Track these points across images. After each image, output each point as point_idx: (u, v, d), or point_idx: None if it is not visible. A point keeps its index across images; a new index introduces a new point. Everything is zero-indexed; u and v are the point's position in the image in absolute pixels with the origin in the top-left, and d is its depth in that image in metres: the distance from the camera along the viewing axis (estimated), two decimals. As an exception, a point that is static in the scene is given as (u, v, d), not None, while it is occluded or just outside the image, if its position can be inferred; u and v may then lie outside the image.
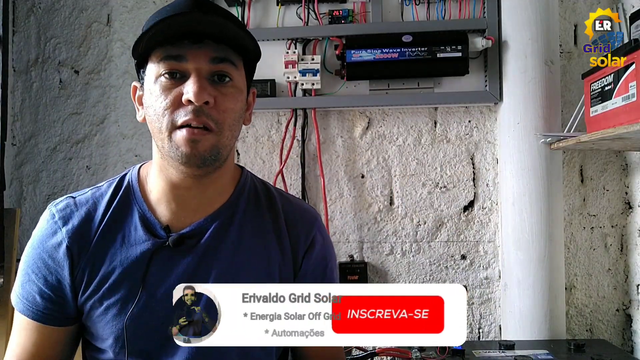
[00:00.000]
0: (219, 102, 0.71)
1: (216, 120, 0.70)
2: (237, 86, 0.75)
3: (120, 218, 0.77)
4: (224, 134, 0.72)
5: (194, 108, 0.68)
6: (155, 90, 0.71)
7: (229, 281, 0.75)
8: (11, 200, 1.78)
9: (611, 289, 1.63)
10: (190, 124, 0.69)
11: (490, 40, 1.55)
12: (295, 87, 1.66)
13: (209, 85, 0.70)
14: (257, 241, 0.80)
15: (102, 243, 0.75)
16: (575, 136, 1.35)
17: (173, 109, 0.70)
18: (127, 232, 0.76)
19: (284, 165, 1.66)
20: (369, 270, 1.68)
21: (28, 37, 1.79)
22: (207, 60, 0.70)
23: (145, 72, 0.74)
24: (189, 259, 0.75)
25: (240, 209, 0.81)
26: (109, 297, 0.74)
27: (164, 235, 0.75)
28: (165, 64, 0.70)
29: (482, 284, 1.66)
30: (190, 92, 0.68)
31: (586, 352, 1.33)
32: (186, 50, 0.70)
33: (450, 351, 1.32)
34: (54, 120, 1.78)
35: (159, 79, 0.71)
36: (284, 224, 0.82)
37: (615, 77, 1.19)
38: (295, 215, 0.84)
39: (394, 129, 1.69)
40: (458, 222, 1.67)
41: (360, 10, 1.65)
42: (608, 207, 1.64)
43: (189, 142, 0.69)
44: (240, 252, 0.78)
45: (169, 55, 0.70)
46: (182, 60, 0.70)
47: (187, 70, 0.70)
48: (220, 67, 0.72)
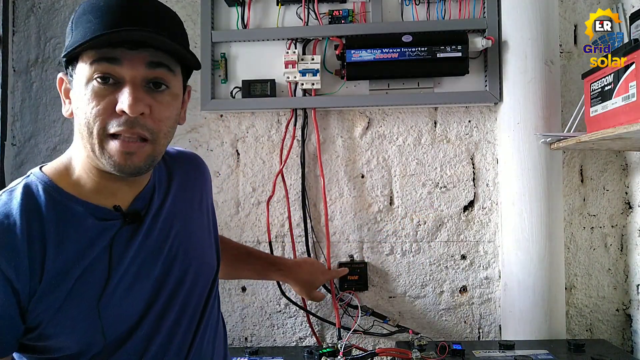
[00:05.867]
0: (154, 111, 0.68)
1: (151, 129, 0.68)
2: (173, 93, 0.72)
3: (59, 220, 0.69)
4: (159, 142, 0.71)
5: (128, 119, 0.65)
6: (86, 93, 0.66)
7: (187, 236, 0.84)
8: (11, 200, 1.77)
9: (611, 289, 1.64)
10: (124, 135, 0.66)
11: (490, 40, 1.55)
12: (295, 87, 1.66)
13: (144, 94, 0.67)
14: (189, 192, 0.90)
15: (56, 252, 0.67)
16: (575, 136, 1.35)
17: (105, 117, 0.66)
18: (76, 229, 0.70)
19: (284, 165, 1.66)
20: (369, 270, 1.68)
21: (28, 37, 1.79)
22: (143, 65, 0.67)
23: (75, 70, 0.68)
24: (144, 230, 0.77)
25: (170, 171, 0.89)
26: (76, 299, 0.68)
27: (118, 215, 0.74)
28: (98, 66, 0.65)
29: (482, 284, 1.66)
30: (125, 102, 0.65)
31: (586, 352, 1.33)
32: (122, 53, 0.66)
33: (450, 351, 1.33)
34: (54, 120, 1.78)
35: (91, 82, 0.66)
36: (190, 171, 0.93)
37: (615, 77, 1.19)
38: (191, 161, 0.96)
39: (394, 129, 1.69)
40: (458, 222, 1.67)
41: (360, 10, 1.66)
42: (608, 207, 1.64)
43: (123, 154, 0.67)
44: (185, 206, 0.87)
45: (102, 57, 0.65)
46: (116, 63, 0.66)
47: (122, 76, 0.66)
48: (157, 74, 0.69)
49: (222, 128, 1.71)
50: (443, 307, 1.67)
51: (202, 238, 0.90)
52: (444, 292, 1.67)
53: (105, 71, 0.65)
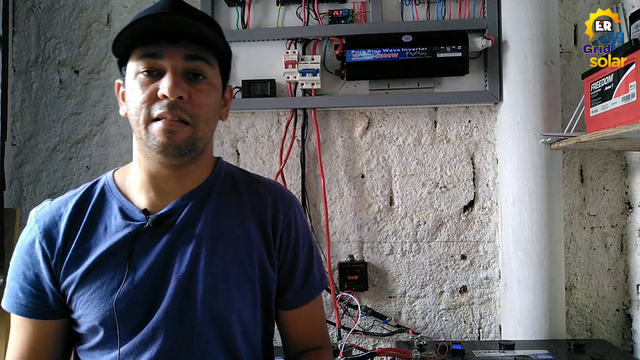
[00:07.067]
0: (193, 97, 0.76)
1: (191, 114, 0.75)
2: (211, 83, 0.79)
3: (99, 213, 0.82)
4: (199, 127, 0.77)
5: (169, 102, 0.73)
6: (134, 85, 0.76)
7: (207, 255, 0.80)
8: (11, 200, 1.78)
9: (611, 289, 1.64)
10: (165, 116, 0.73)
11: (490, 40, 1.55)
12: (295, 87, 1.66)
13: (183, 82, 0.75)
14: (235, 219, 0.84)
15: (85, 237, 0.80)
16: (575, 136, 1.35)
17: (149, 102, 0.74)
18: (108, 223, 0.81)
19: (284, 165, 1.66)
20: (369, 270, 1.68)
21: (28, 37, 1.79)
22: (181, 58, 0.75)
23: (126, 69, 0.78)
24: (168, 236, 0.80)
25: (216, 190, 0.85)
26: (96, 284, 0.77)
27: (143, 217, 0.80)
28: (143, 61, 0.75)
29: (482, 284, 1.66)
30: (165, 87, 0.73)
31: (586, 352, 1.33)
32: (162, 48, 0.74)
33: (450, 351, 1.33)
34: (54, 120, 1.78)
35: (137, 75, 0.75)
36: (263, 204, 0.86)
37: (615, 77, 1.19)
38: (275, 197, 0.88)
39: (394, 129, 1.69)
40: (458, 222, 1.67)
41: (360, 10, 1.66)
42: (608, 207, 1.64)
43: (166, 132, 0.73)
44: (219, 228, 0.82)
45: (146, 54, 0.75)
46: (158, 57, 0.74)
47: (163, 67, 0.75)
48: (195, 65, 0.76)
49: (222, 128, 1.71)
50: (443, 307, 1.67)
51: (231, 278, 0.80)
52: (444, 292, 1.67)
53: (149, 65, 0.74)
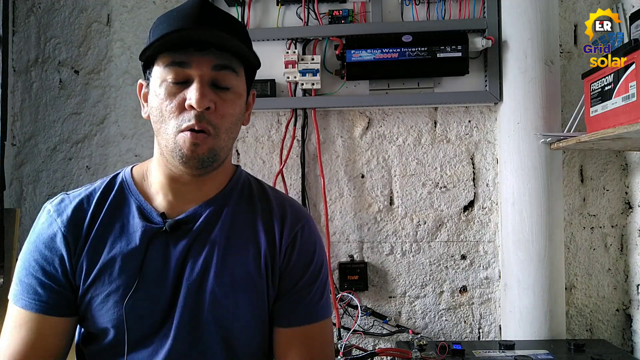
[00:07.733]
0: (219, 107, 0.75)
1: (214, 124, 0.75)
2: (237, 92, 0.79)
3: (117, 210, 0.82)
4: (220, 137, 0.76)
5: (197, 113, 0.73)
6: (160, 93, 0.75)
7: (218, 264, 0.79)
8: (11, 200, 1.78)
9: (611, 289, 1.64)
10: (193, 128, 0.73)
11: (490, 40, 1.55)
12: (295, 87, 1.66)
13: (210, 92, 0.74)
14: (247, 229, 0.84)
15: (101, 234, 0.79)
16: (575, 136, 1.35)
17: (177, 113, 0.74)
18: (125, 222, 0.80)
19: (284, 165, 1.66)
20: (369, 270, 1.68)
21: (28, 37, 1.79)
22: (209, 67, 0.74)
23: (152, 73, 0.78)
24: (184, 242, 0.80)
25: (233, 199, 0.86)
26: (109, 284, 0.77)
27: (160, 221, 0.80)
28: (170, 69, 0.74)
29: (482, 284, 1.66)
30: (193, 98, 0.72)
31: (586, 352, 1.33)
32: (190, 57, 0.74)
33: (450, 351, 1.33)
34: (54, 120, 1.78)
35: (164, 83, 0.75)
36: (274, 217, 0.86)
37: (615, 77, 1.19)
38: (286, 211, 0.87)
39: (394, 129, 1.69)
40: (458, 222, 1.67)
41: (360, 10, 1.66)
42: (608, 207, 1.64)
43: (191, 145, 0.73)
44: (232, 237, 0.82)
45: (174, 62, 0.74)
46: (186, 66, 0.74)
47: (190, 76, 0.74)
48: (221, 75, 0.76)
49: (222, 128, 1.71)
50: (443, 307, 1.67)
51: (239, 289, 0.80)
52: (444, 292, 1.67)
53: (177, 74, 0.74)
